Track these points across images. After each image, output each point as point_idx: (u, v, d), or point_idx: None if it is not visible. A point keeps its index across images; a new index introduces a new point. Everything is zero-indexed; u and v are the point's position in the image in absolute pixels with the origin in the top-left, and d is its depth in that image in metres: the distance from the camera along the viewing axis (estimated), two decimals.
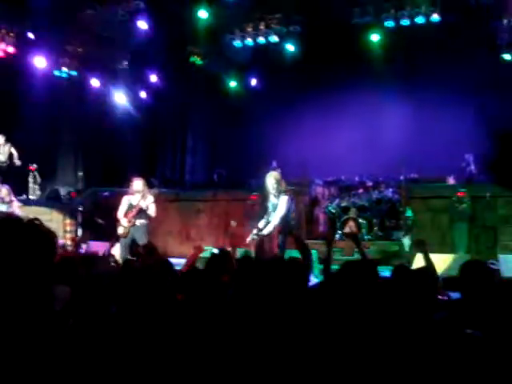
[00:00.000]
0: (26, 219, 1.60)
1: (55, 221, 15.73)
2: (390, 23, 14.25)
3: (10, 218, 1.82)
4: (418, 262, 7.60)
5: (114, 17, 14.40)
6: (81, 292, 4.12)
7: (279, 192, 9.52)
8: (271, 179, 9.65)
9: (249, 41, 15.27)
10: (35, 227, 1.80)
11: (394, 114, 16.03)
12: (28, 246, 1.72)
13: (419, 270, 4.45)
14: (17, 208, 12.75)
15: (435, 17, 13.76)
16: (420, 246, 5.22)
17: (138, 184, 10.96)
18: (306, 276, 4.33)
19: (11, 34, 14.92)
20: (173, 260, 6.57)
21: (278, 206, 9.49)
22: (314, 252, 9.80)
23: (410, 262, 8.99)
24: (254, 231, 9.62)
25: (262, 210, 9.98)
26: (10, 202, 12.87)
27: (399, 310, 3.26)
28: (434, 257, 5.05)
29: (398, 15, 14.03)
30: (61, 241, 10.38)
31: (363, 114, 16.39)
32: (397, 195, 13.52)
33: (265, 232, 9.45)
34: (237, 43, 15.48)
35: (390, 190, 13.81)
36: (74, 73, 16.98)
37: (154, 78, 18.14)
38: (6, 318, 1.60)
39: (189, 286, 4.39)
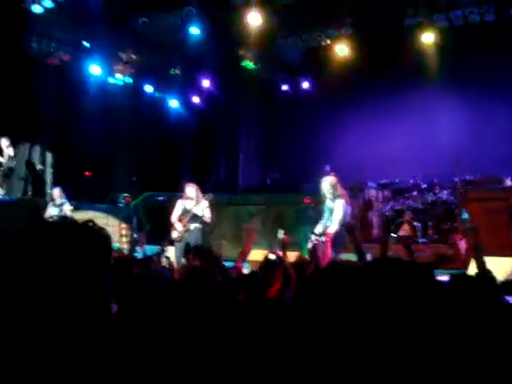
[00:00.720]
0: (80, 222, 1.61)
1: (111, 225, 16.00)
2: (442, 23, 14.05)
3: (65, 220, 1.84)
4: (475, 265, 7.48)
5: (167, 23, 14.56)
6: (133, 293, 4.19)
7: (335, 196, 9.51)
8: (326, 184, 9.66)
9: (300, 44, 15.24)
10: (90, 229, 1.82)
11: (448, 115, 15.79)
12: (84, 248, 1.73)
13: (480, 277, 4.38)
14: (68, 211, 12.95)
15: (489, 16, 13.51)
16: (477, 249, 5.14)
17: (190, 190, 11.06)
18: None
19: (67, 43, 15.25)
20: (226, 263, 6.64)
21: (335, 210, 9.46)
22: (368, 256, 9.73)
23: (466, 265, 8.86)
24: (313, 237, 9.61)
25: (318, 215, 9.97)
26: (61, 204, 13.10)
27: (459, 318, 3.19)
28: (492, 260, 4.97)
29: (450, 15, 13.83)
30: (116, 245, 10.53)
31: (417, 116, 16.18)
32: (452, 197, 13.31)
33: (324, 238, 9.44)
34: (288, 47, 15.47)
35: (445, 191, 13.61)
36: (128, 79, 17.26)
37: (206, 83, 18.29)
38: (63, 321, 1.63)
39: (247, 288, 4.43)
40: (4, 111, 14.00)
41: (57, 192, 13.29)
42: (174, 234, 10.96)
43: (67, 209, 13.01)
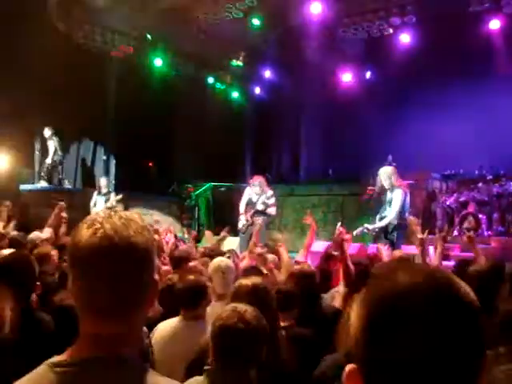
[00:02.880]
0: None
1: (174, 214, 16.24)
2: (509, 8, 13.68)
3: None
4: None
5: (228, 15, 14.62)
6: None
7: (393, 187, 9.44)
8: (384, 174, 9.60)
9: (362, 33, 15.10)
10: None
11: None
12: None
13: None
14: (114, 201, 13.13)
15: None
16: None
17: (256, 180, 11.16)
18: None
19: (130, 36, 15.49)
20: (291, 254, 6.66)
21: (393, 200, 9.40)
22: (431, 248, 9.58)
23: None
24: (365, 224, 9.59)
25: (379, 206, 9.92)
26: (108, 193, 13.32)
27: None
28: None
29: None
30: (176, 235, 10.65)
31: (482, 105, 15.81)
32: None
33: (378, 225, 9.39)
34: (350, 36, 15.35)
35: None
36: (189, 70, 17.41)
37: (267, 74, 18.33)
38: None
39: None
40: (66, 105, 14.32)
41: (104, 181, 13.58)
42: (240, 225, 11.11)
43: (113, 198, 13.20)
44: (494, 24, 14.35)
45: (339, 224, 6.24)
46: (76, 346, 1.43)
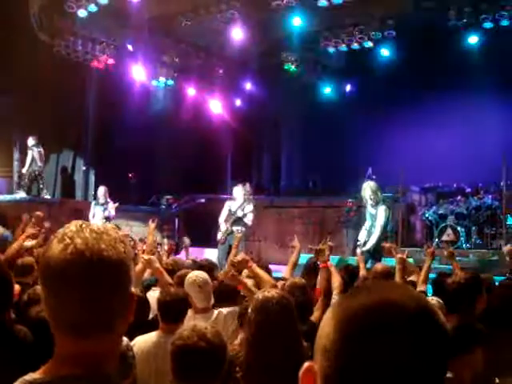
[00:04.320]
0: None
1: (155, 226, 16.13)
2: (488, 24, 13.81)
3: None
4: None
5: (210, 26, 14.63)
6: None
7: (377, 202, 9.48)
8: (368, 190, 9.65)
9: (343, 46, 15.16)
10: None
11: (492, 119, 15.53)
12: None
13: None
14: (112, 209, 13.03)
15: None
16: None
17: (237, 190, 11.16)
18: None
19: (111, 47, 15.45)
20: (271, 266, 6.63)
21: (377, 216, 9.45)
22: (411, 260, 9.62)
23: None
24: (358, 248, 9.60)
25: (359, 218, 9.96)
26: (106, 203, 13.17)
27: None
28: None
29: (496, 16, 13.59)
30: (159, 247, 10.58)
31: (460, 119, 15.96)
32: (497, 202, 13.11)
33: (368, 246, 9.44)
34: (331, 49, 15.41)
35: (490, 196, 13.41)
36: (170, 82, 17.40)
37: (248, 86, 18.36)
38: None
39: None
40: (46, 114, 14.26)
41: (101, 191, 13.37)
42: (218, 236, 11.06)
43: (111, 207, 13.05)
44: (473, 39, 14.48)
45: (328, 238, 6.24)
46: (52, 363, 1.40)
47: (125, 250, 1.44)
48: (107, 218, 12.61)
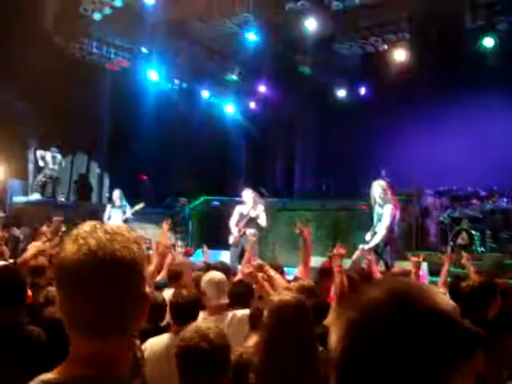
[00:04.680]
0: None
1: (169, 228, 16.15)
2: (503, 26, 13.74)
3: None
4: None
5: (224, 29, 14.67)
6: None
7: (385, 201, 9.39)
8: (377, 188, 9.54)
9: (357, 49, 15.14)
10: None
11: (507, 120, 15.43)
12: None
13: None
14: (129, 212, 13.00)
15: None
16: None
17: (246, 194, 11.13)
18: None
19: (126, 49, 15.53)
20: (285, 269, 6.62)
21: (383, 216, 9.36)
22: (424, 264, 9.58)
23: None
24: (360, 246, 9.53)
25: (370, 221, 9.88)
26: (122, 206, 13.10)
27: None
28: None
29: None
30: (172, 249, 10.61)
31: (476, 121, 15.86)
32: None
33: (371, 244, 9.33)
34: (345, 52, 15.38)
35: (505, 200, 13.32)
36: (184, 85, 17.46)
37: (262, 89, 18.38)
38: None
39: None
40: (60, 117, 14.33)
41: (116, 194, 13.35)
42: (231, 239, 11.04)
43: (128, 211, 13.05)
44: (488, 41, 14.41)
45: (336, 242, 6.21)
46: (66, 363, 1.40)
47: (138, 251, 1.44)
48: (126, 221, 12.63)
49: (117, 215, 12.90)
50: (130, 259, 1.41)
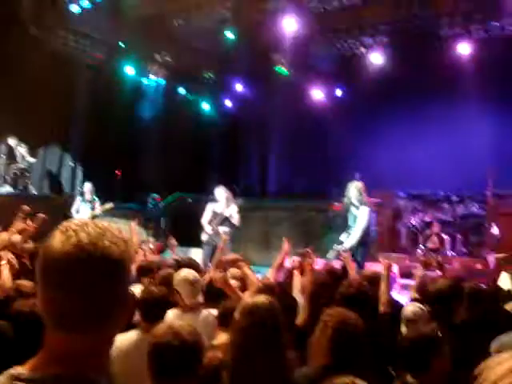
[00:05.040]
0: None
1: (139, 225, 16.09)
2: (479, 34, 13.90)
3: None
4: (503, 281, 7.41)
5: (202, 26, 14.63)
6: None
7: (361, 203, 9.42)
8: (353, 189, 9.55)
9: (334, 51, 15.19)
10: None
11: (481, 127, 15.56)
12: None
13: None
14: (98, 207, 12.87)
15: None
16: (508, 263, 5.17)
17: (219, 192, 11.10)
18: None
19: (104, 43, 15.43)
20: (251, 267, 6.62)
21: (359, 217, 9.39)
22: (395, 266, 9.63)
23: (495, 280, 8.74)
24: (335, 245, 9.57)
25: (345, 221, 9.89)
26: (92, 201, 12.97)
27: None
28: None
29: (488, 26, 13.68)
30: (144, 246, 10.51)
31: (449, 127, 16.00)
32: (483, 211, 13.18)
33: (346, 246, 9.35)
34: (322, 53, 15.43)
35: (476, 205, 13.48)
36: (161, 81, 17.40)
37: (239, 87, 18.36)
38: None
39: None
40: (34, 109, 14.20)
41: (88, 187, 13.21)
42: (204, 237, 11.00)
43: (98, 206, 12.92)
44: (464, 48, 14.55)
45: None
46: (39, 358, 1.38)
47: (127, 249, 1.44)
48: (94, 217, 12.46)
49: (85, 210, 12.76)
50: (118, 257, 1.40)
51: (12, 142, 14.37)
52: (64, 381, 1.33)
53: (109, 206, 12.91)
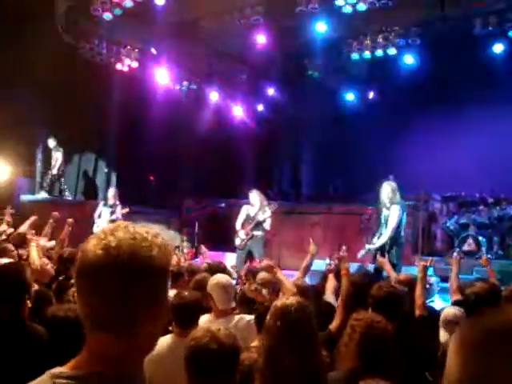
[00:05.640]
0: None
1: (173, 229, 16.20)
2: None
3: None
4: None
5: (233, 31, 14.65)
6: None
7: (392, 202, 9.29)
8: (387, 187, 9.43)
9: (366, 54, 15.10)
10: None
11: None
12: None
13: None
14: (120, 214, 12.79)
15: None
16: None
17: (253, 196, 11.09)
18: None
19: (135, 50, 15.55)
20: (286, 272, 6.62)
21: (390, 216, 9.26)
22: (430, 269, 9.52)
23: None
24: (367, 246, 9.49)
25: (376, 224, 9.82)
26: (114, 205, 12.96)
27: None
28: None
29: None
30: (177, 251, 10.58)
31: (484, 127, 15.83)
32: None
33: (377, 244, 9.25)
34: (354, 56, 15.36)
35: None
36: (193, 86, 17.48)
37: (271, 91, 18.36)
38: None
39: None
40: (69, 115, 14.38)
41: (111, 192, 13.28)
42: (237, 241, 10.98)
43: (119, 211, 12.85)
44: (498, 47, 14.38)
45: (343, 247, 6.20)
46: (79, 358, 1.42)
47: (158, 255, 1.44)
48: (113, 221, 12.46)
49: (106, 214, 12.77)
50: (146, 261, 1.41)
51: (52, 143, 14.58)
52: (106, 379, 1.37)
53: (124, 210, 12.92)
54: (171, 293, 5.02)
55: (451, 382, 1.06)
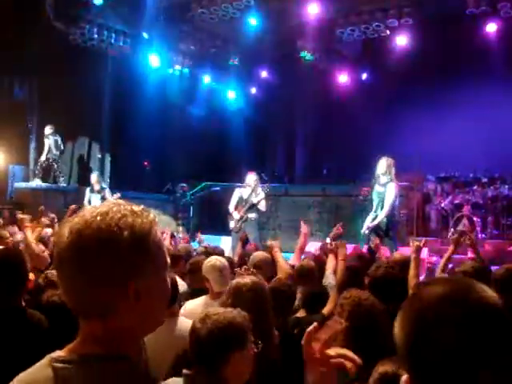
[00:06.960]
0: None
1: (168, 213, 16.20)
2: (506, 12, 13.65)
3: None
4: None
5: (225, 14, 14.58)
6: None
7: (388, 179, 9.21)
8: (383, 162, 9.33)
9: (359, 34, 15.04)
10: None
11: (509, 108, 15.36)
12: None
13: None
14: (110, 197, 12.30)
15: None
16: None
17: (250, 177, 11.07)
18: None
19: (127, 34, 15.49)
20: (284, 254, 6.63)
21: (386, 194, 9.16)
22: (424, 250, 9.52)
23: None
24: (367, 220, 9.45)
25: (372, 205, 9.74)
26: (102, 190, 12.82)
27: None
28: None
29: None
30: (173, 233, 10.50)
31: (477, 108, 15.80)
32: None
33: (376, 222, 9.20)
34: (347, 37, 15.30)
35: (507, 186, 13.30)
36: (186, 70, 17.41)
37: (264, 74, 18.33)
38: None
39: None
40: (61, 102, 14.32)
41: (94, 177, 13.09)
42: (232, 224, 10.98)
43: (109, 195, 12.61)
44: (491, 27, 14.34)
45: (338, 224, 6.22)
46: (75, 343, 1.41)
47: (119, 232, 1.35)
48: None
49: (96, 200, 12.59)
50: (105, 241, 1.33)
51: (48, 130, 14.47)
52: (101, 360, 1.36)
53: (116, 196, 12.77)
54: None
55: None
